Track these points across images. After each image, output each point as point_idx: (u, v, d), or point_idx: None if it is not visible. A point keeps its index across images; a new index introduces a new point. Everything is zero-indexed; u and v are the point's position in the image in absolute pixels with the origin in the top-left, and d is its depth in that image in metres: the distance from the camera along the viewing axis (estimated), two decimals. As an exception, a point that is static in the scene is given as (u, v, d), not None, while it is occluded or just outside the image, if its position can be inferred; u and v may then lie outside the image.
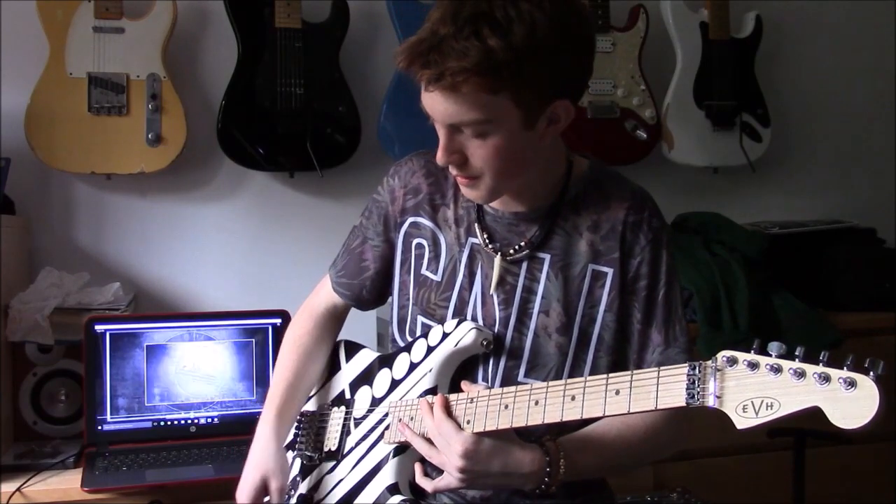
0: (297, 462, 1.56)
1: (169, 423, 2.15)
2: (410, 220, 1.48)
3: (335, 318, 1.64)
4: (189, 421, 2.17)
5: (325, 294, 1.63)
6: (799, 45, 2.99)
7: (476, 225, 1.43)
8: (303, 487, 1.53)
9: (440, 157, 1.30)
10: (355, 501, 1.43)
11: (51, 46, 2.32)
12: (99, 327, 2.11)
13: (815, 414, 2.50)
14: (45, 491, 1.91)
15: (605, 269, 1.38)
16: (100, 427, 2.10)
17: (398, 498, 1.38)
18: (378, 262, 1.54)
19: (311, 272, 1.76)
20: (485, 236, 1.41)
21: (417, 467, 1.39)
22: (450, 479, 1.29)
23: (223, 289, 2.55)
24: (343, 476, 1.48)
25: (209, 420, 2.18)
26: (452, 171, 1.33)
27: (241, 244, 2.59)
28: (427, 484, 1.34)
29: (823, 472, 2.34)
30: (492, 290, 1.40)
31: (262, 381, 2.20)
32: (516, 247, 1.40)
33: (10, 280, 2.17)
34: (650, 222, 1.39)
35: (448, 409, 1.32)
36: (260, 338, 2.21)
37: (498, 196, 1.38)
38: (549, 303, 1.38)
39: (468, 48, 1.18)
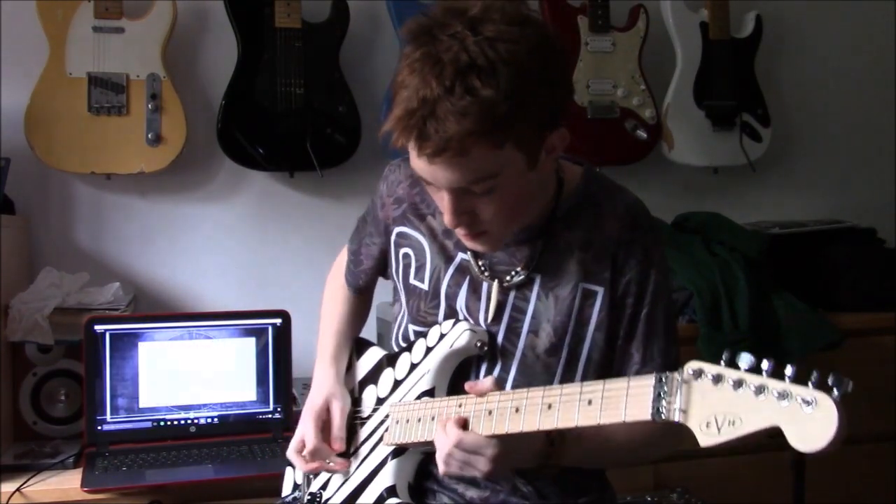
0: None
1: (169, 423, 2.15)
2: (398, 229, 1.49)
3: None
4: (189, 421, 2.17)
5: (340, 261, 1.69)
6: (799, 45, 2.99)
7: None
8: (314, 486, 1.53)
9: (450, 222, 1.25)
10: (357, 502, 1.43)
11: (51, 46, 2.32)
12: (99, 327, 2.11)
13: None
14: (45, 491, 1.91)
15: (595, 287, 1.34)
16: (100, 427, 2.10)
17: (395, 500, 1.38)
18: (370, 260, 1.58)
19: (311, 272, 1.77)
20: (477, 261, 1.39)
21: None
22: (467, 474, 1.28)
23: (223, 289, 2.55)
24: (348, 476, 1.48)
25: (209, 420, 2.18)
26: (461, 231, 1.29)
27: (241, 244, 2.59)
28: (442, 465, 1.29)
29: (823, 472, 2.34)
30: (490, 319, 1.38)
31: (263, 381, 2.20)
32: (513, 272, 1.37)
33: (10, 280, 2.17)
34: (643, 241, 1.35)
35: (465, 423, 1.28)
36: (260, 338, 2.21)
37: (505, 240, 1.35)
38: (539, 323, 1.36)
39: (466, 107, 1.12)
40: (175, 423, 2.16)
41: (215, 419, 2.18)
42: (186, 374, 2.17)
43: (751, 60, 2.80)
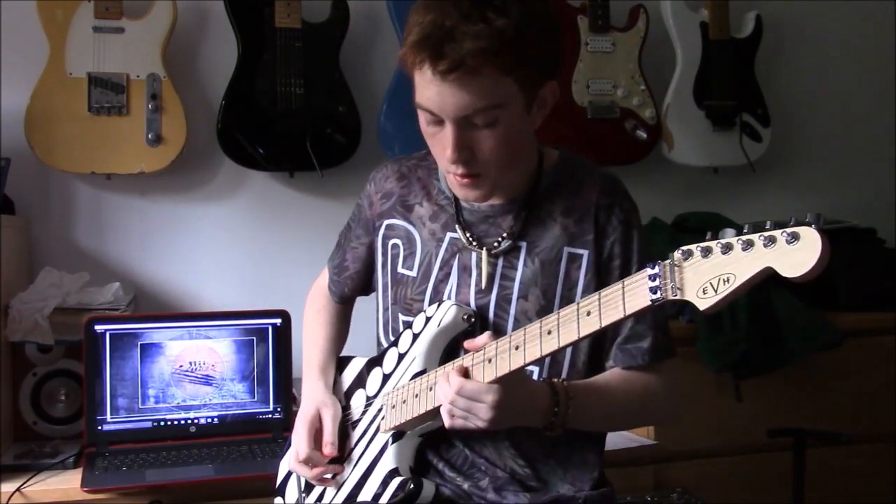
0: (303, 478, 1.56)
1: (169, 423, 2.15)
2: (386, 222, 1.53)
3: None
4: (189, 421, 2.17)
5: (326, 280, 1.71)
6: (799, 45, 2.99)
7: (455, 220, 1.46)
8: (310, 500, 1.53)
9: (452, 156, 1.31)
10: (360, 494, 1.43)
11: (51, 46, 2.32)
12: (99, 327, 2.11)
13: (817, 413, 2.49)
14: (45, 491, 1.90)
15: (580, 251, 1.41)
16: (100, 427, 2.10)
17: (399, 478, 1.39)
18: (356, 264, 1.61)
19: (311, 272, 1.76)
20: (467, 234, 1.44)
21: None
22: (471, 426, 1.29)
23: (223, 289, 2.55)
24: (346, 476, 1.49)
25: (209, 420, 2.18)
26: (458, 169, 1.34)
27: (241, 244, 2.59)
28: (447, 418, 1.31)
29: (823, 472, 2.34)
30: (483, 286, 1.42)
31: (263, 381, 2.20)
32: (498, 239, 1.43)
33: (10, 280, 2.17)
34: (622, 204, 1.43)
35: (466, 373, 1.31)
36: (260, 338, 2.21)
37: (494, 193, 1.41)
38: (528, 288, 1.40)
39: (480, 32, 1.23)
40: (175, 423, 2.16)
41: (215, 419, 2.18)
42: (186, 375, 2.17)
43: (751, 60, 2.80)
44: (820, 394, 2.44)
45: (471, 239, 1.44)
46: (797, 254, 0.99)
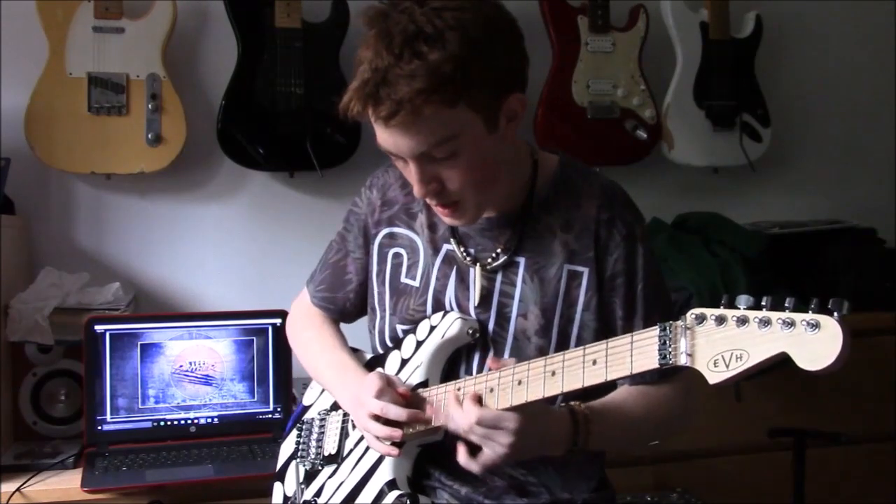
0: (301, 469, 1.56)
1: (169, 423, 2.15)
2: (385, 231, 1.50)
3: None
4: (189, 421, 2.17)
5: (306, 306, 1.65)
6: (799, 45, 2.99)
7: (450, 233, 1.43)
8: (308, 494, 1.53)
9: (418, 191, 1.29)
10: (356, 501, 1.43)
11: (51, 46, 2.32)
12: (99, 327, 2.11)
13: (817, 413, 2.49)
14: (45, 491, 1.91)
15: (580, 268, 1.37)
16: (99, 427, 2.10)
17: (396, 493, 1.38)
18: (361, 275, 1.55)
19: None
20: (461, 248, 1.42)
21: (461, 448, 1.31)
22: (494, 456, 1.26)
23: (223, 289, 2.55)
24: (344, 478, 1.48)
25: (209, 420, 2.18)
26: (431, 201, 1.33)
27: (241, 244, 2.59)
28: (473, 465, 1.29)
29: (823, 473, 2.34)
30: (477, 303, 1.39)
31: (263, 381, 2.21)
32: (493, 254, 1.40)
33: (10, 280, 2.17)
34: (623, 218, 1.38)
35: (479, 400, 1.28)
36: (260, 338, 2.21)
37: (482, 213, 1.37)
38: (527, 306, 1.38)
39: (415, 71, 1.18)
40: (175, 423, 2.16)
41: (215, 419, 2.18)
42: (186, 375, 2.17)
43: (751, 60, 2.80)
44: (820, 394, 2.44)
45: (465, 254, 1.41)
46: (816, 344, 0.96)
